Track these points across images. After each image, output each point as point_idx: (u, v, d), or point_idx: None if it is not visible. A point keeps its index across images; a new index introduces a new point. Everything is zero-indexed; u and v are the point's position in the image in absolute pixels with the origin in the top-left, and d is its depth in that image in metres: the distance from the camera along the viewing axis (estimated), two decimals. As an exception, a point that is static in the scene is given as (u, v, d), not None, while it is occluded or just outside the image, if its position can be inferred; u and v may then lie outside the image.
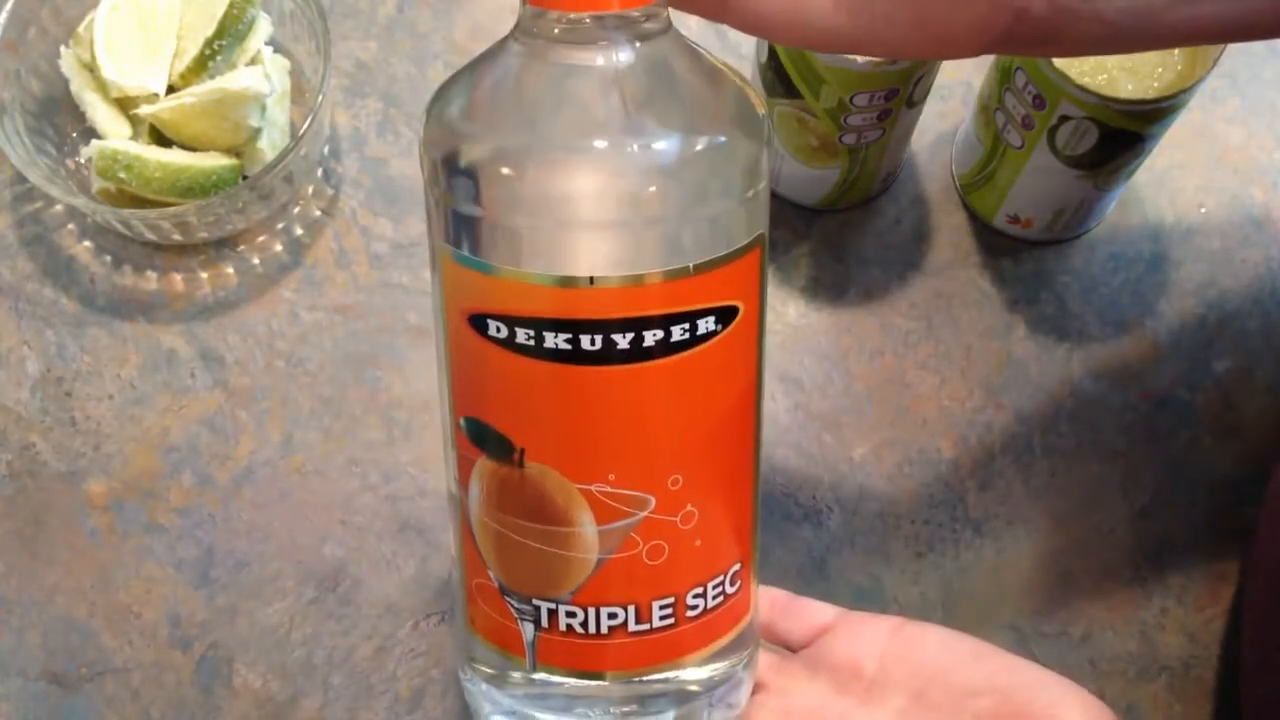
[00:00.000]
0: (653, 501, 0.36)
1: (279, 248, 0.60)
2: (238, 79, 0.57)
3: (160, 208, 0.56)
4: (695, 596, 0.38)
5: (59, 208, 0.60)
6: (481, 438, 0.37)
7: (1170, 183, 0.61)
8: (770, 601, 0.44)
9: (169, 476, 0.56)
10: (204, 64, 0.57)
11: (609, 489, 0.35)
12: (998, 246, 0.60)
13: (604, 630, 0.37)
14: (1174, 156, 0.61)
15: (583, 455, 0.36)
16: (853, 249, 0.60)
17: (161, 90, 0.57)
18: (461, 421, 0.37)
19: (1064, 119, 0.50)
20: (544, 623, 0.38)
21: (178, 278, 0.59)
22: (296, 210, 0.60)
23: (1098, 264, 0.60)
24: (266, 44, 0.59)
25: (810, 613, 0.44)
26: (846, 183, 0.57)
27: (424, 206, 0.37)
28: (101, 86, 0.57)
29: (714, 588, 0.38)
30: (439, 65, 0.63)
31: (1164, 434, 0.57)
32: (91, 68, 0.58)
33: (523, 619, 0.38)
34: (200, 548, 0.55)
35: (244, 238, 0.60)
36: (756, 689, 0.42)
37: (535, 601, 0.37)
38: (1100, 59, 0.50)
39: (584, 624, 0.37)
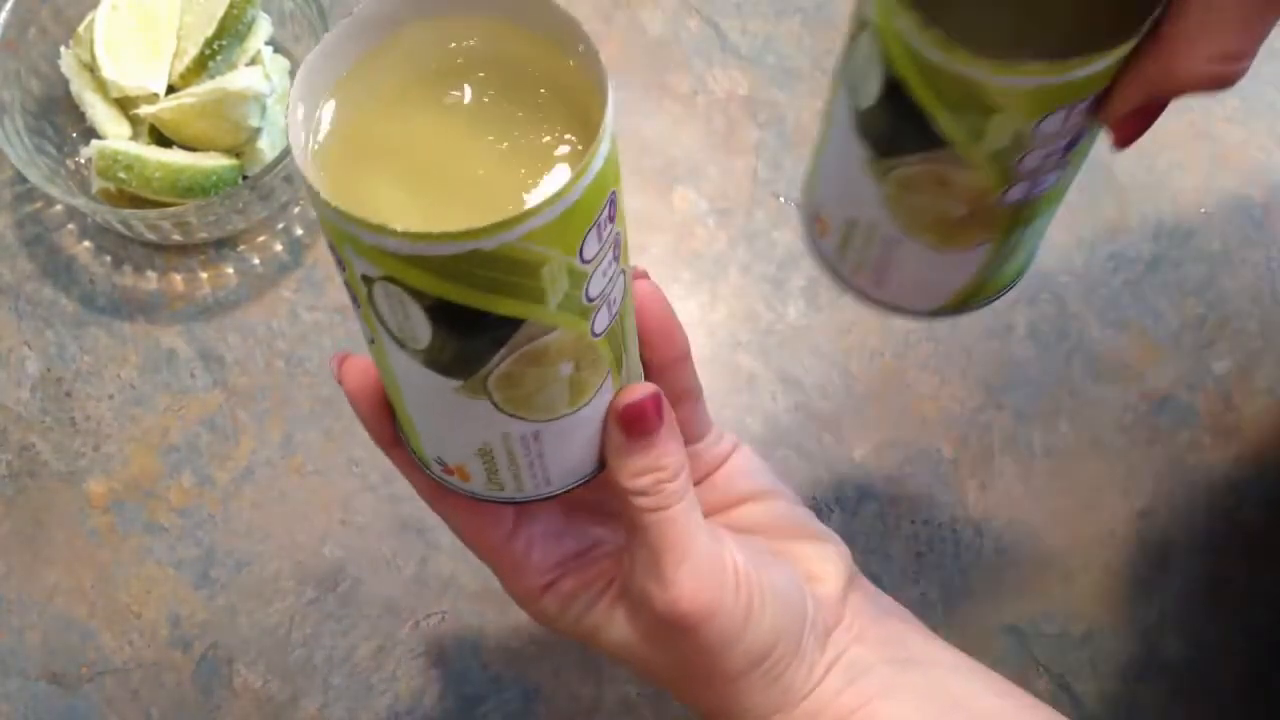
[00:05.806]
0: None
1: (279, 248, 0.60)
2: (238, 79, 0.57)
3: (160, 208, 0.56)
4: None
5: (59, 208, 0.60)
6: None
7: (1170, 183, 0.61)
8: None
9: (169, 476, 0.56)
10: (204, 64, 0.57)
11: None
12: (998, 246, 0.60)
13: None
14: (1174, 156, 0.61)
15: None
16: (853, 249, 0.60)
17: (161, 90, 0.57)
18: None
19: None
20: None
21: (178, 278, 0.59)
22: (296, 210, 0.60)
23: (1098, 264, 0.60)
24: (266, 44, 0.59)
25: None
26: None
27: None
28: (101, 86, 0.57)
29: None
30: (439, 65, 0.63)
31: (1164, 434, 0.57)
32: (91, 68, 0.58)
33: None
34: (200, 548, 0.55)
35: (244, 238, 0.60)
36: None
37: None
38: None
39: None
